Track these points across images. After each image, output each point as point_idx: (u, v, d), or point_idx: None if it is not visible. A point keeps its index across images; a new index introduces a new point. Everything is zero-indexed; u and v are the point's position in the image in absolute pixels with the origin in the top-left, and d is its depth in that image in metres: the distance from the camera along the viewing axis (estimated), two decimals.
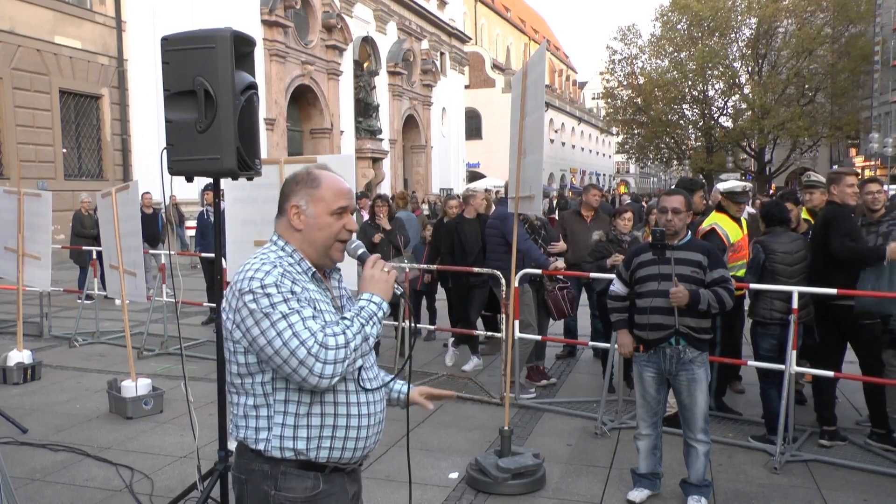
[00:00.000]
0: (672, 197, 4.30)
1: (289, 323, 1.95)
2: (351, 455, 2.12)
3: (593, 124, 74.84)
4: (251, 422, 2.08)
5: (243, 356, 2.04)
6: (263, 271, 2.01)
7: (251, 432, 2.08)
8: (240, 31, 3.45)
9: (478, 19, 57.54)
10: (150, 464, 5.01)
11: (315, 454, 2.07)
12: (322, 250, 2.14)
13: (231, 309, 2.04)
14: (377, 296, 2.09)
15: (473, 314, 7.49)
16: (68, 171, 18.12)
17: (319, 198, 2.13)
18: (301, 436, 2.05)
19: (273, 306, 1.96)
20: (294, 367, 1.94)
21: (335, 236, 2.14)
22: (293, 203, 2.14)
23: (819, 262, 5.35)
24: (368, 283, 2.11)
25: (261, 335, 1.96)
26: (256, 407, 2.07)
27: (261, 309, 1.96)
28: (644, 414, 4.41)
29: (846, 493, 4.58)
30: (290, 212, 2.14)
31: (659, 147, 47.61)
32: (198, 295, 10.26)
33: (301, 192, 2.14)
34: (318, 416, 2.06)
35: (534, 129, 4.80)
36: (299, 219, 2.13)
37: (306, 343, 1.93)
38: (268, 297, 1.97)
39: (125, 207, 6.36)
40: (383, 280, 2.12)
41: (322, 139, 26.57)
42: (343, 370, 1.97)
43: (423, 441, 5.50)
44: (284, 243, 2.14)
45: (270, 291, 1.97)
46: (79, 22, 18.16)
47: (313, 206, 2.13)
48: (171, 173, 3.47)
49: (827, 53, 39.22)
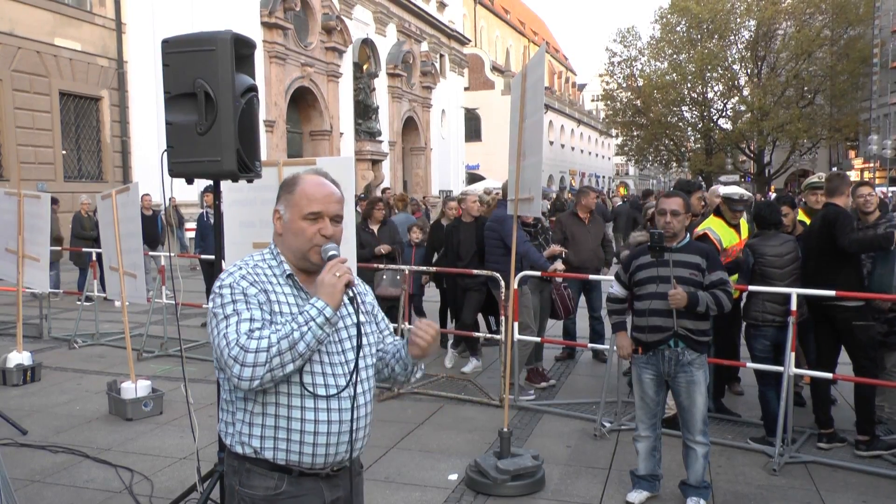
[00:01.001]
0: (670, 199, 4.31)
1: (227, 324, 2.02)
2: (311, 461, 2.10)
3: (593, 126, 74.88)
4: (224, 415, 2.19)
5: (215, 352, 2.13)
6: (228, 272, 2.12)
7: (223, 426, 2.19)
8: (240, 34, 3.46)
9: (477, 21, 57.57)
10: (149, 465, 5.02)
11: (272, 455, 2.10)
12: (299, 254, 2.17)
13: None
14: (320, 300, 2.03)
15: (469, 316, 7.49)
16: (68, 172, 18.12)
17: (294, 203, 2.17)
18: (256, 434, 2.10)
19: (222, 306, 2.06)
20: (222, 366, 2.02)
21: (310, 241, 2.14)
22: (276, 207, 2.23)
23: (815, 262, 5.34)
24: (318, 287, 2.07)
25: (210, 332, 2.09)
26: (227, 402, 2.17)
27: (213, 308, 2.08)
28: (643, 416, 4.42)
29: (845, 494, 4.59)
30: (274, 216, 2.23)
31: (658, 149, 47.68)
32: (197, 297, 10.25)
33: (281, 197, 2.22)
34: (271, 416, 2.09)
35: (533, 132, 4.81)
36: (279, 223, 2.21)
37: (230, 344, 1.99)
38: (220, 297, 2.07)
39: (125, 209, 6.37)
40: (331, 285, 2.04)
41: (322, 141, 26.57)
42: (265, 373, 1.96)
43: (422, 442, 5.50)
44: (272, 246, 2.24)
45: (224, 292, 2.08)
46: (78, 24, 18.17)
47: (289, 211, 2.18)
48: (171, 175, 3.47)
49: (826, 55, 39.30)
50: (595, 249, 7.78)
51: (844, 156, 47.95)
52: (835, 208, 5.28)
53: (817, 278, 5.25)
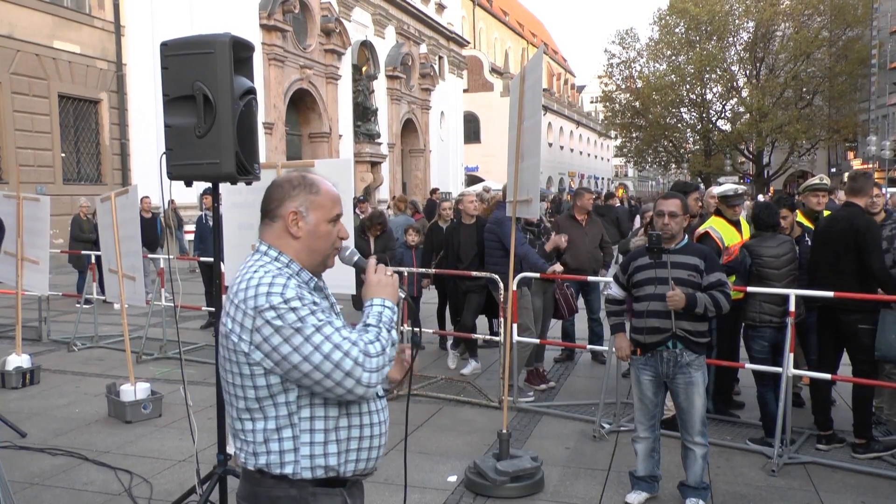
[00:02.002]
0: (668, 200, 4.31)
1: (324, 335, 1.86)
2: (371, 465, 2.08)
3: (591, 128, 74.91)
4: (273, 446, 1.95)
5: (263, 378, 1.91)
6: (280, 284, 1.89)
7: (275, 457, 1.95)
8: (239, 37, 3.47)
9: (476, 23, 57.60)
10: (148, 468, 5.02)
11: (343, 468, 2.00)
12: (320, 259, 2.07)
13: (244, 329, 1.89)
14: (388, 300, 2.03)
15: (469, 318, 7.50)
16: (67, 175, 18.12)
17: (319, 204, 2.04)
18: (331, 451, 1.97)
19: (302, 320, 1.85)
20: (338, 379, 1.85)
21: (332, 245, 2.08)
22: (292, 209, 2.02)
23: (829, 262, 5.23)
24: (377, 289, 2.05)
25: (293, 352, 1.84)
26: (279, 430, 1.94)
27: (289, 324, 1.85)
28: (642, 417, 4.43)
29: (844, 495, 4.59)
30: (288, 218, 2.02)
31: (657, 150, 47.72)
32: (197, 299, 10.26)
33: (300, 196, 2.03)
34: (346, 428, 1.99)
35: (531, 134, 4.82)
36: (298, 226, 2.02)
37: (350, 353, 1.86)
38: (294, 311, 1.86)
39: (124, 212, 6.37)
40: (390, 284, 2.07)
41: (321, 143, 26.57)
42: (382, 378, 1.93)
43: (421, 444, 5.50)
44: (278, 253, 2.02)
45: (295, 305, 1.86)
46: (78, 27, 18.18)
47: (313, 213, 2.03)
48: (170, 178, 3.48)
49: (824, 57, 39.36)
50: (592, 251, 7.77)
51: (843, 157, 47.99)
52: (864, 218, 5.20)
53: (830, 279, 5.17)
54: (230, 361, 1.95)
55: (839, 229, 5.26)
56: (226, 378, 1.99)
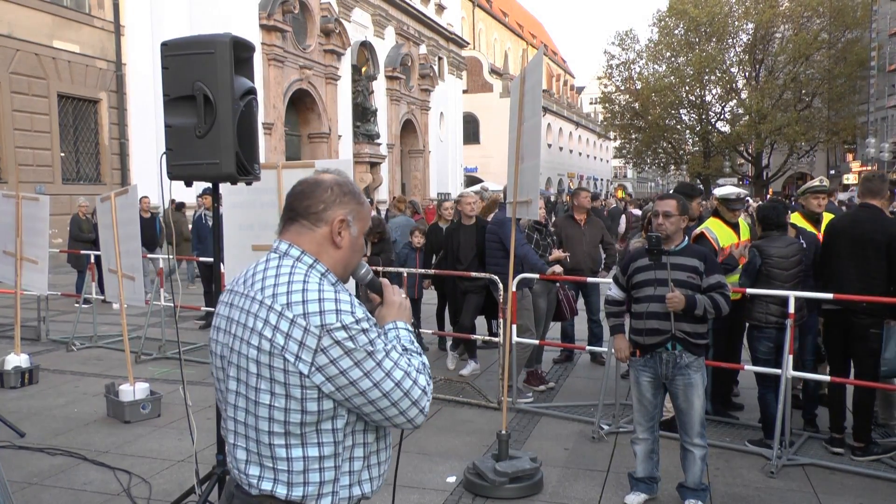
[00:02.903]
0: (664, 201, 4.33)
1: (393, 361, 1.75)
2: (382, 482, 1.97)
3: (591, 129, 74.94)
4: (313, 476, 1.77)
5: (316, 403, 1.73)
6: (346, 302, 1.73)
7: (313, 488, 1.78)
8: (239, 37, 3.47)
9: (476, 24, 57.62)
10: (147, 468, 5.02)
11: (371, 491, 1.90)
12: (348, 272, 1.94)
13: (304, 348, 1.69)
14: (409, 324, 1.97)
15: (468, 319, 7.50)
16: (66, 175, 18.11)
17: (363, 216, 1.92)
18: (365, 478, 1.86)
19: (372, 343, 1.72)
20: (404, 408, 1.76)
21: (359, 259, 1.98)
22: (341, 216, 1.85)
23: (862, 267, 5.13)
24: (399, 312, 1.97)
25: (364, 377, 1.71)
26: (322, 458, 1.78)
27: (362, 347, 1.71)
28: (641, 418, 4.43)
29: (843, 497, 4.60)
30: (335, 224, 1.85)
31: (656, 152, 47.80)
32: (196, 299, 10.27)
33: (350, 205, 1.88)
34: (377, 452, 1.90)
35: (531, 135, 4.82)
36: (341, 235, 1.86)
37: (419, 382, 1.78)
38: (365, 332, 1.72)
39: (124, 211, 6.37)
40: (407, 308, 2.00)
41: (320, 144, 26.57)
42: None
43: (420, 445, 5.50)
44: (314, 261, 1.83)
45: (366, 326, 1.73)
46: (77, 26, 18.17)
47: (357, 225, 1.89)
48: (170, 178, 3.48)
49: (824, 59, 39.45)
50: (590, 252, 7.78)
51: (842, 159, 48.01)
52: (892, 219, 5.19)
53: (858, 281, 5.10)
54: (271, 381, 1.73)
55: (866, 231, 5.15)
56: (252, 398, 1.77)
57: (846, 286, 5.13)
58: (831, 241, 5.40)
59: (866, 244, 5.14)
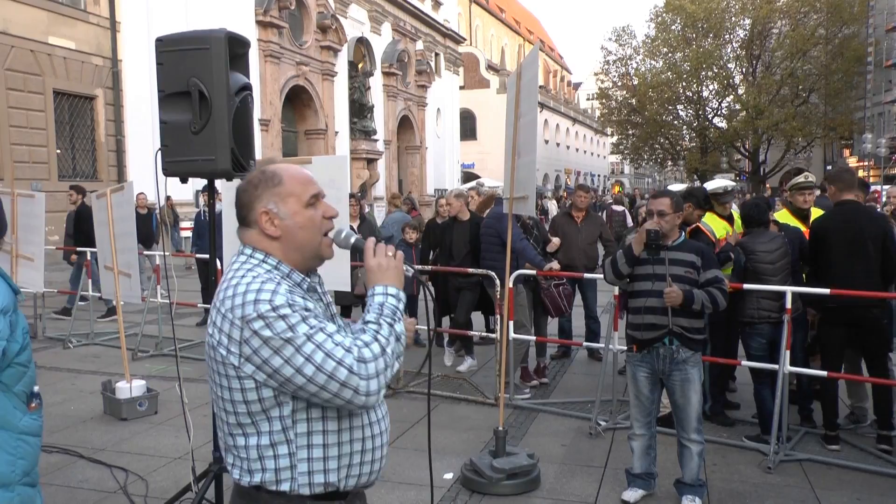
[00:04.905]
0: (658, 199, 4.32)
1: (316, 344, 1.71)
2: (373, 477, 1.96)
3: (588, 125, 74.94)
4: (269, 463, 1.82)
5: (255, 392, 1.77)
6: (268, 291, 1.74)
7: (270, 475, 1.82)
8: (234, 33, 3.46)
9: (472, 20, 57.55)
10: (144, 465, 5.01)
11: (345, 483, 1.88)
12: (311, 251, 1.91)
13: (232, 341, 1.75)
14: (392, 286, 1.87)
15: (462, 315, 7.49)
16: (62, 171, 18.05)
17: (287, 193, 1.88)
18: (332, 467, 1.85)
19: (292, 329, 1.71)
20: (335, 391, 1.72)
21: (320, 230, 1.91)
22: (262, 210, 1.88)
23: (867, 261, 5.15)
24: (378, 274, 1.88)
25: (285, 364, 1.71)
26: (274, 445, 1.81)
27: (278, 335, 1.70)
28: (638, 414, 4.43)
29: (840, 492, 4.61)
30: (262, 220, 1.88)
31: (653, 148, 47.80)
32: (192, 296, 10.24)
33: (265, 194, 1.89)
34: (348, 442, 1.86)
35: (527, 131, 4.81)
36: (273, 224, 1.87)
37: (344, 361, 1.71)
38: (283, 318, 1.71)
39: (120, 208, 6.35)
40: (393, 267, 1.90)
41: (317, 140, 26.53)
42: (386, 380, 1.78)
43: (417, 441, 5.50)
44: (265, 255, 1.87)
45: (285, 312, 1.72)
46: (73, 22, 18.10)
47: (284, 205, 1.88)
48: (165, 174, 3.47)
49: (820, 54, 39.46)
50: (586, 249, 7.80)
51: (839, 154, 48.04)
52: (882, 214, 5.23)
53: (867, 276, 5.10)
54: (219, 374, 1.81)
55: (863, 228, 5.18)
56: (215, 391, 1.85)
57: (855, 284, 5.11)
58: (826, 242, 5.34)
59: (866, 241, 5.17)
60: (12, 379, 2.50)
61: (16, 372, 2.51)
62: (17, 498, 2.52)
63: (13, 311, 2.49)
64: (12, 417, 2.51)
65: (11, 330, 2.46)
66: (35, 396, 2.60)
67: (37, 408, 2.61)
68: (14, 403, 2.52)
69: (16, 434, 2.52)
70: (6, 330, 2.43)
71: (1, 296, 2.44)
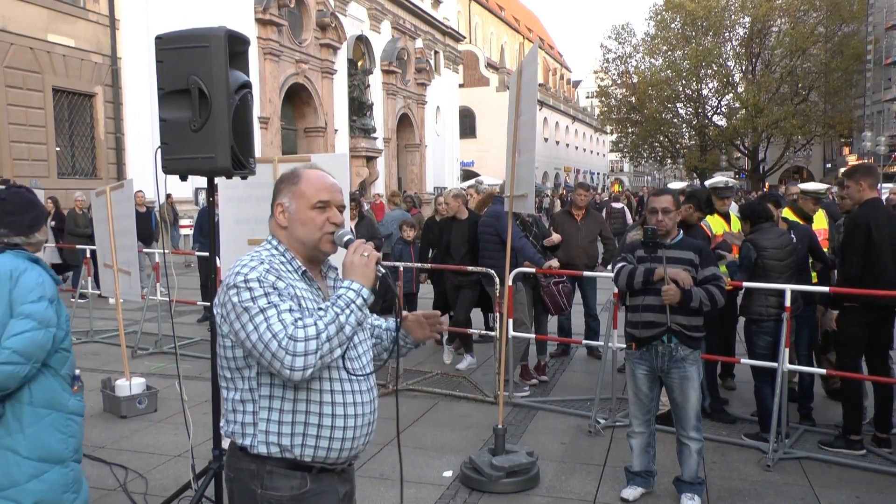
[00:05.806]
0: (660, 197, 4.31)
1: (265, 317, 1.97)
2: (337, 455, 2.12)
3: (587, 123, 74.88)
4: (238, 416, 2.11)
5: (231, 350, 2.08)
6: (249, 267, 2.05)
7: (237, 427, 2.11)
8: (234, 30, 3.45)
9: (472, 18, 57.49)
10: (144, 463, 5.01)
11: (300, 452, 2.07)
12: (309, 244, 2.18)
13: (219, 303, 2.09)
14: (356, 282, 2.07)
15: (462, 313, 7.50)
16: (62, 169, 18.03)
17: (300, 194, 2.18)
18: (286, 432, 2.06)
19: (253, 300, 1.99)
20: (269, 360, 1.96)
21: (320, 229, 2.17)
22: (279, 202, 2.21)
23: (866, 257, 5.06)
24: (348, 270, 2.11)
25: (241, 329, 2.00)
26: (243, 402, 2.10)
27: (241, 303, 2.00)
28: (637, 412, 4.43)
29: (839, 490, 4.61)
30: (276, 210, 2.21)
31: (653, 146, 47.80)
32: (192, 293, 10.24)
33: (285, 190, 2.21)
34: (303, 412, 2.06)
35: (527, 129, 4.81)
36: (284, 216, 2.20)
37: (277, 336, 1.94)
38: (249, 290, 2.01)
39: (120, 206, 6.35)
40: (362, 265, 2.10)
41: (316, 138, 26.51)
42: (316, 361, 1.96)
43: (417, 439, 5.51)
44: (277, 242, 2.20)
45: (252, 286, 2.01)
46: (72, 20, 18.07)
47: (295, 203, 2.18)
48: (165, 172, 3.47)
49: (820, 52, 39.45)
50: (585, 247, 7.81)
51: (838, 152, 48.03)
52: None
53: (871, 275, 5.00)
54: (219, 332, 2.13)
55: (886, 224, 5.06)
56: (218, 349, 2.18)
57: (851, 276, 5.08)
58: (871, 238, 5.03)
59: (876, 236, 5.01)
60: (59, 363, 2.78)
61: (61, 356, 2.79)
62: (71, 473, 2.81)
63: (57, 300, 2.77)
64: (62, 398, 2.79)
65: (58, 317, 2.73)
66: (77, 379, 2.88)
67: (79, 390, 2.89)
68: (62, 385, 2.79)
69: (66, 414, 2.80)
70: (54, 317, 2.71)
71: (47, 286, 2.73)
